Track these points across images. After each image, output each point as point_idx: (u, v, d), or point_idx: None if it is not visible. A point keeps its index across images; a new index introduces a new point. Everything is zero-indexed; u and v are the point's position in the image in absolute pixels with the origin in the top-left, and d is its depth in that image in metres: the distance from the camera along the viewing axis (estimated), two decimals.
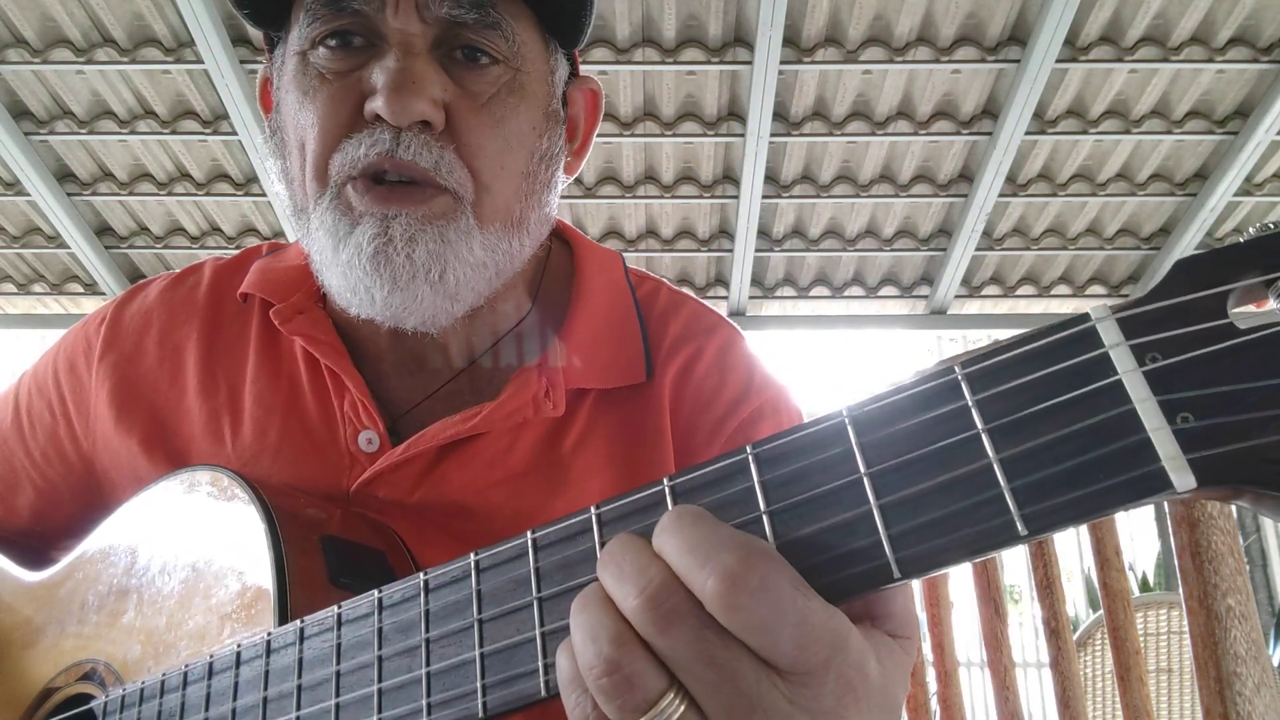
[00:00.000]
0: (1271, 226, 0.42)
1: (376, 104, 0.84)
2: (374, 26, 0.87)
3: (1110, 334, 0.44)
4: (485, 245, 0.90)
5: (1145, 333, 0.43)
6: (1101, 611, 1.35)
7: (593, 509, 0.56)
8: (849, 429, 0.49)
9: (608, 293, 1.05)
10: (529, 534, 0.58)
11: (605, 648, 0.49)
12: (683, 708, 0.48)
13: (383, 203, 0.86)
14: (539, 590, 0.57)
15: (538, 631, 0.56)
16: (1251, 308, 0.43)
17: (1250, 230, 0.42)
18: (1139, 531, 5.87)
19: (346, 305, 0.90)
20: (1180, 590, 1.16)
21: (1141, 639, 3.10)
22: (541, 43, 0.94)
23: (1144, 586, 4.85)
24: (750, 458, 0.51)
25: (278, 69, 0.95)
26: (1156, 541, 5.53)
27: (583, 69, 1.04)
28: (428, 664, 0.61)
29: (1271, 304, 0.42)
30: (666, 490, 0.53)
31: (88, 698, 0.90)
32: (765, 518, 0.50)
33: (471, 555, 0.61)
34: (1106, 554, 1.35)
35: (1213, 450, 0.41)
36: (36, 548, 1.10)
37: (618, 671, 0.48)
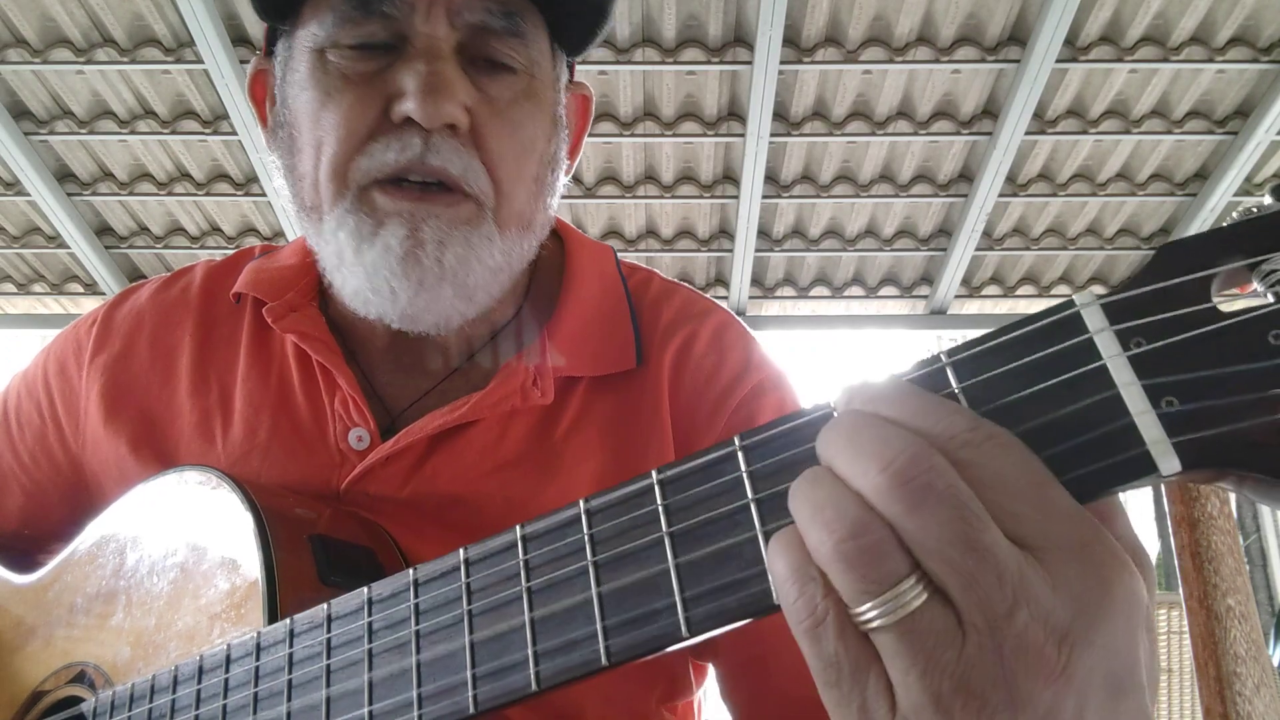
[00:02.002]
0: (1254, 211, 0.42)
1: (407, 106, 0.85)
2: (399, 29, 0.87)
3: (1095, 319, 0.44)
4: (504, 251, 0.92)
5: (1129, 318, 0.43)
6: None
7: (581, 503, 0.56)
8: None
9: (598, 283, 1.05)
10: (518, 529, 0.58)
11: (848, 521, 0.43)
12: (924, 597, 0.42)
13: (413, 202, 0.86)
14: (528, 583, 0.57)
15: (526, 617, 0.56)
16: (1235, 291, 0.43)
17: (1234, 215, 0.42)
18: (1139, 531, 5.86)
19: (363, 305, 0.91)
20: (1180, 590, 1.16)
21: None
22: (550, 50, 0.96)
23: None
24: (739, 449, 0.51)
25: (282, 62, 0.95)
26: (1156, 541, 5.52)
27: (582, 69, 1.06)
28: (418, 658, 0.61)
29: (1255, 287, 0.42)
30: (655, 482, 0.53)
31: (78, 700, 0.90)
32: (753, 505, 0.50)
33: (460, 551, 0.61)
34: None
35: (1197, 434, 0.41)
36: (25, 550, 1.10)
37: (864, 536, 0.43)
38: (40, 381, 1.11)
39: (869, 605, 0.43)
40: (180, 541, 0.88)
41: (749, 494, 0.50)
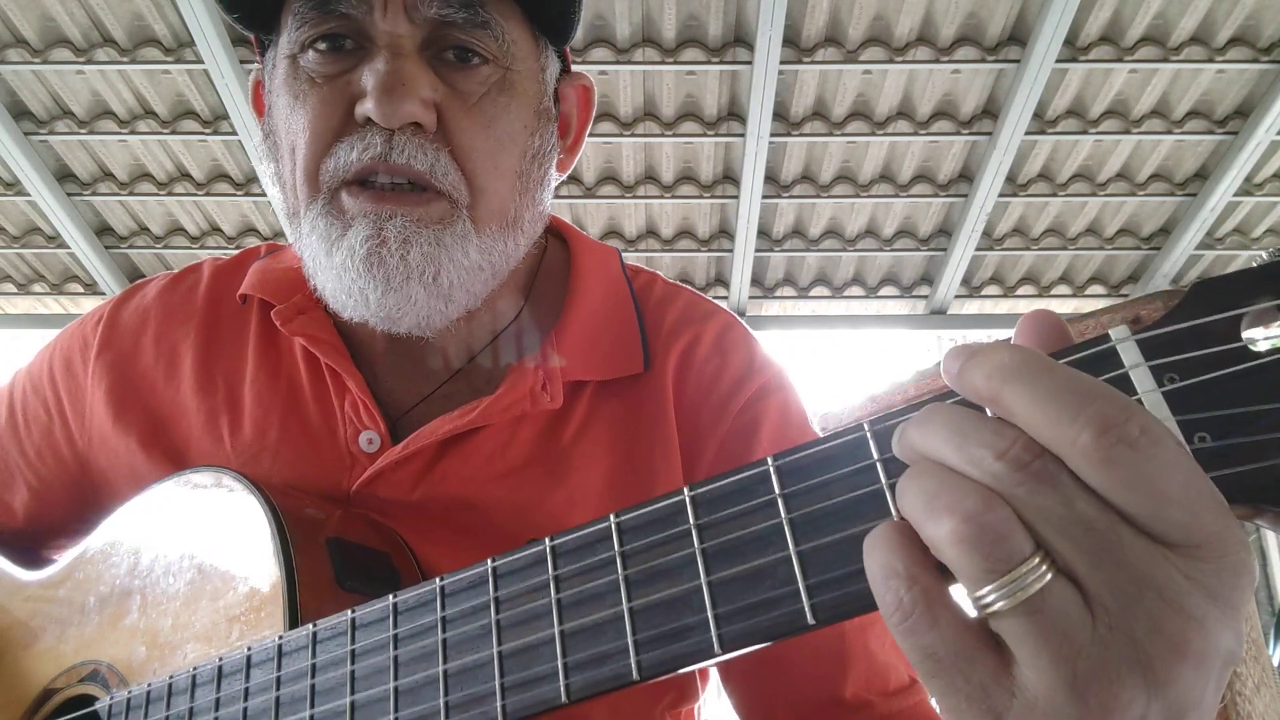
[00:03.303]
0: None
1: (366, 106, 0.85)
2: (363, 29, 0.87)
3: (1130, 355, 0.45)
4: (481, 249, 0.90)
5: (1163, 354, 0.44)
6: None
7: (611, 517, 0.56)
8: (871, 443, 0.49)
9: (604, 285, 1.05)
10: (547, 541, 0.59)
11: (969, 503, 0.42)
12: (1049, 577, 0.41)
13: (377, 203, 0.86)
14: (558, 595, 0.57)
15: (556, 630, 0.56)
16: (1261, 330, 0.44)
17: (1263, 255, 0.44)
18: None
19: (341, 308, 0.91)
20: None
21: None
22: (531, 40, 0.94)
23: None
24: (772, 469, 0.51)
25: (269, 72, 0.95)
26: None
27: (583, 69, 1.04)
28: (445, 668, 0.61)
29: None
30: (687, 500, 0.54)
31: (91, 699, 0.90)
32: (786, 526, 0.50)
33: (489, 561, 0.61)
34: None
35: (1230, 470, 0.42)
36: (29, 547, 1.10)
37: (984, 516, 0.42)
38: (46, 378, 1.11)
39: (990, 588, 0.42)
40: (197, 542, 0.87)
41: (782, 514, 0.50)
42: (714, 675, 1.03)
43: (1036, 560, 0.42)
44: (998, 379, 0.43)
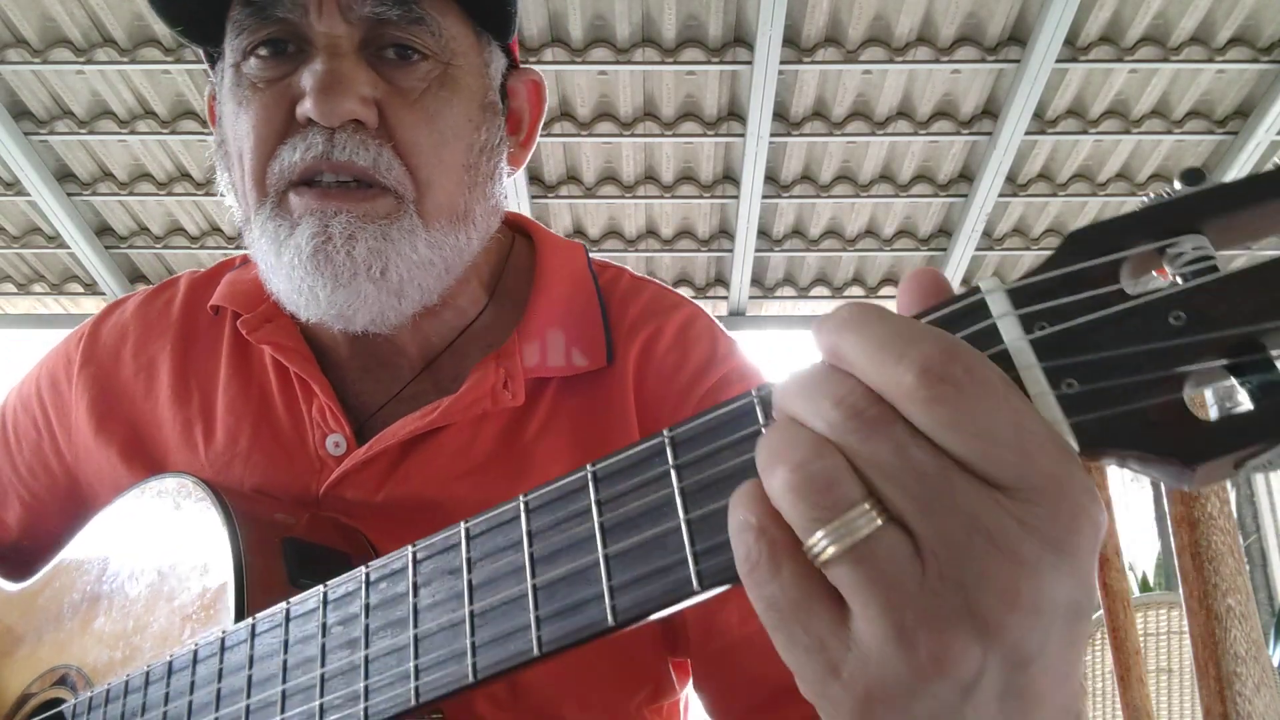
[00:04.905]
0: (1165, 195, 0.42)
1: (305, 106, 0.86)
2: (301, 32, 0.88)
3: (999, 305, 0.44)
4: (430, 243, 0.91)
5: (1034, 302, 0.43)
6: (1101, 611, 1.35)
7: (521, 497, 0.57)
8: (758, 409, 0.49)
9: (569, 282, 1.05)
10: (462, 524, 0.59)
11: (799, 452, 0.42)
12: (879, 522, 0.41)
13: (322, 201, 0.87)
14: (469, 575, 0.58)
15: (466, 610, 0.57)
16: (1153, 275, 0.43)
17: (1144, 199, 0.43)
18: (1139, 531, 5.85)
19: (295, 309, 0.92)
20: (1180, 590, 1.17)
21: (1141, 639, 3.09)
22: (472, 36, 0.95)
23: (1144, 586, 4.83)
24: (666, 440, 0.52)
25: (217, 83, 0.97)
26: (1156, 541, 5.51)
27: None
28: (366, 653, 0.62)
29: (1166, 270, 0.42)
30: (589, 475, 0.54)
31: (61, 701, 0.91)
32: (678, 495, 0.50)
33: (409, 547, 0.62)
34: (1106, 554, 1.34)
35: (1094, 414, 0.41)
36: (25, 560, 1.12)
37: (813, 463, 0.42)
38: (34, 395, 1.14)
39: (820, 534, 0.41)
40: (158, 546, 0.90)
41: (674, 484, 0.50)
42: None
43: (866, 505, 0.41)
44: (835, 331, 0.44)
